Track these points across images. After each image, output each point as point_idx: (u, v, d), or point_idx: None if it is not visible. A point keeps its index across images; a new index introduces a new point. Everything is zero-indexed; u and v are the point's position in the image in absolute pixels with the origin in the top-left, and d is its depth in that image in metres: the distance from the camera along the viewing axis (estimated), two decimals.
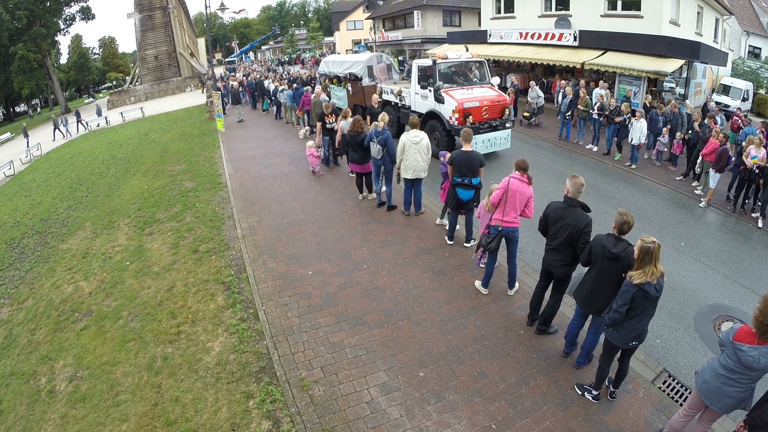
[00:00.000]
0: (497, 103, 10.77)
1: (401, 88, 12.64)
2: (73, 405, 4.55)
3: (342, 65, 16.00)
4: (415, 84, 11.65)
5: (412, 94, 11.93)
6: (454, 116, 10.28)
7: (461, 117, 10.18)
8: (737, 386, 3.15)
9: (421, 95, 11.43)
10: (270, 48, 71.56)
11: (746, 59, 24.01)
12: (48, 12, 35.16)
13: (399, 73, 16.78)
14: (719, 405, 3.27)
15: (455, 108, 10.23)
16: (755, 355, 3.00)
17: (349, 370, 4.50)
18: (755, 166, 8.08)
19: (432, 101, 10.95)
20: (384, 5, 38.39)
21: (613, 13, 16.44)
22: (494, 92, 11.14)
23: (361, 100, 14.77)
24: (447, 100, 10.47)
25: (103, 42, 70.74)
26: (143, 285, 6.46)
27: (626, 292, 3.57)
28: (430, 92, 10.91)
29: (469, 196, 6.31)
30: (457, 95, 10.51)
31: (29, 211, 11.57)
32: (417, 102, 11.73)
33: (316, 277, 6.16)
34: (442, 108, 10.65)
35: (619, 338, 3.78)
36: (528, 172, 5.21)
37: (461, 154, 6.24)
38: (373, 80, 14.76)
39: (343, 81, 15.99)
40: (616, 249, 3.77)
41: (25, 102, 54.37)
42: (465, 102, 10.29)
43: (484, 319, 5.26)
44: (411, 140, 7.16)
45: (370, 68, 14.86)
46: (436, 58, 10.96)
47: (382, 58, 15.69)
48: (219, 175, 11.00)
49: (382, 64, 15.29)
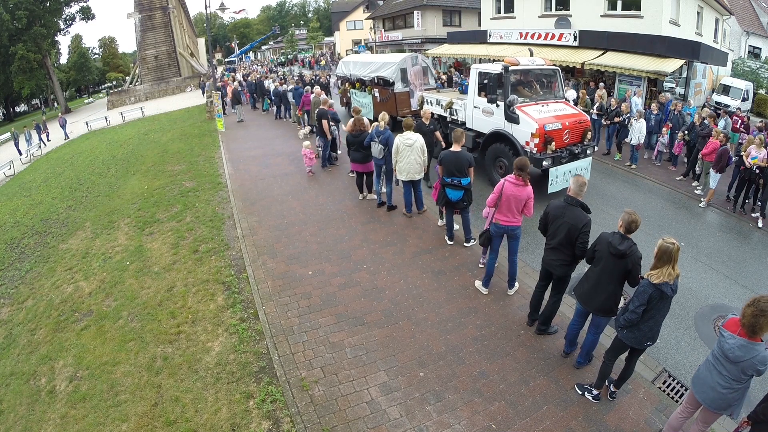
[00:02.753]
0: (579, 125, 8.67)
1: (452, 99, 10.32)
2: (73, 405, 4.55)
3: (367, 67, 14.05)
4: (474, 95, 9.42)
5: (469, 107, 9.66)
6: (533, 141, 8.07)
7: (541, 143, 8.06)
8: (720, 378, 3.19)
9: (484, 110, 9.20)
10: (270, 48, 71.55)
11: (746, 59, 24.02)
12: (48, 12, 35.12)
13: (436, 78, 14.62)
14: (703, 396, 3.32)
15: (535, 131, 8.01)
16: (732, 344, 3.09)
17: (349, 370, 4.50)
18: (755, 167, 8.08)
19: (499, 119, 8.76)
20: (384, 5, 38.39)
21: (613, 13, 16.45)
22: (572, 110, 9.05)
23: (391, 108, 12.76)
24: (523, 120, 8.25)
25: (103, 42, 70.73)
26: (143, 285, 6.46)
27: (644, 292, 3.55)
28: (498, 108, 8.74)
29: (458, 197, 6.30)
30: (534, 113, 8.32)
31: (29, 211, 11.56)
32: (476, 118, 9.47)
33: (316, 277, 6.16)
34: (514, 129, 8.47)
35: (634, 339, 3.77)
36: (526, 172, 5.10)
37: (450, 154, 6.23)
38: (407, 86, 12.85)
39: (369, 85, 14.10)
40: (623, 246, 3.79)
41: (25, 102, 54.41)
42: (546, 123, 8.14)
43: (484, 319, 5.26)
44: (404, 142, 7.08)
45: (404, 71, 12.87)
46: (508, 64, 8.70)
47: (418, 60, 13.47)
48: (219, 175, 11.00)
49: (418, 67, 13.24)
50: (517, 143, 8.40)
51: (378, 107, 13.19)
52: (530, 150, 8.16)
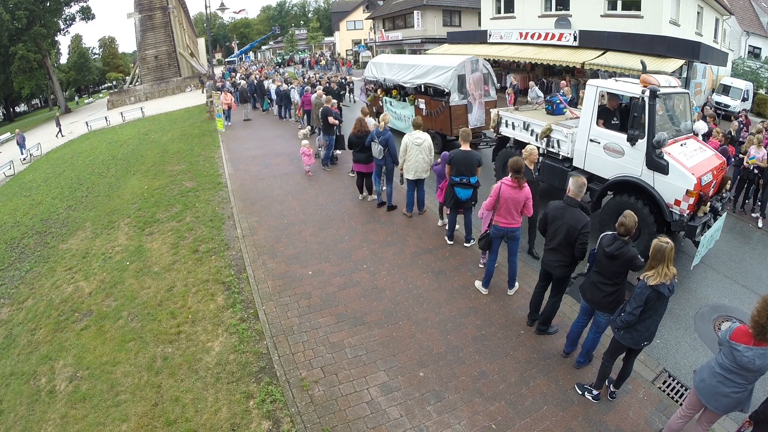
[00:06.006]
0: (721, 171, 6.52)
1: (550, 126, 7.47)
2: (73, 405, 4.55)
3: (409, 70, 11.50)
4: (591, 124, 6.75)
5: (581, 140, 6.94)
6: (687, 201, 5.81)
7: (695, 203, 5.90)
8: (734, 386, 3.15)
9: (606, 147, 6.56)
10: (270, 48, 71.56)
11: (746, 59, 24.01)
12: (48, 12, 35.13)
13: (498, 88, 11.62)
14: (716, 404, 3.27)
15: (693, 188, 5.73)
16: (750, 356, 3.00)
17: (349, 370, 4.50)
18: (753, 167, 8.08)
19: (634, 163, 6.25)
20: (384, 5, 38.40)
21: (613, 13, 16.46)
22: (710, 151, 6.75)
23: (444, 125, 10.53)
24: (675, 170, 5.87)
25: (103, 42, 70.70)
26: (143, 285, 6.46)
27: (641, 294, 3.55)
28: (633, 147, 6.18)
29: (467, 196, 6.32)
30: (683, 159, 6.04)
31: (29, 211, 11.56)
32: (592, 156, 6.81)
33: (316, 277, 6.16)
34: (658, 181, 6.03)
35: (632, 340, 3.78)
36: (521, 174, 5.04)
37: (459, 153, 6.25)
38: (464, 97, 10.40)
39: (412, 94, 11.73)
40: (610, 249, 3.85)
41: (25, 102, 54.41)
42: (702, 175, 5.89)
43: (484, 319, 5.26)
44: (413, 141, 7.15)
45: (462, 79, 10.32)
46: (653, 86, 6.06)
47: (479, 65, 10.67)
48: (219, 175, 10.99)
49: (478, 74, 10.51)
50: (661, 201, 6.01)
51: (423, 122, 11.05)
52: (683, 214, 5.89)
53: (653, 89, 6.02)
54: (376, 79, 13.43)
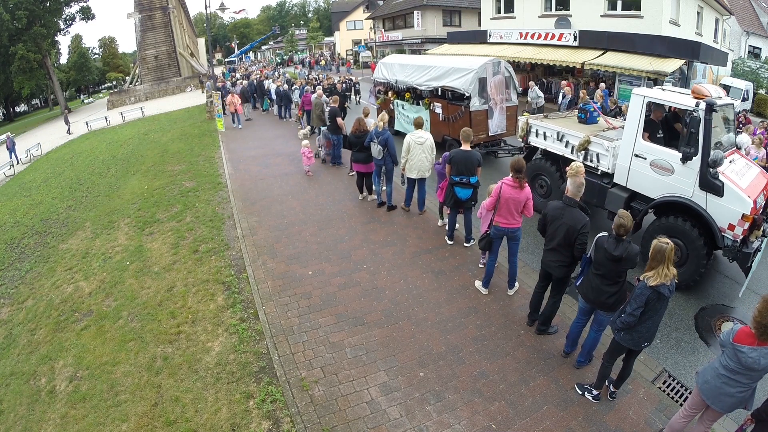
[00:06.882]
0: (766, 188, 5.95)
1: (589, 138, 6.84)
2: (73, 405, 4.55)
3: (424, 72, 10.77)
4: (637, 137, 6.17)
5: (624, 155, 6.38)
6: (742, 226, 5.34)
7: (749, 228, 5.46)
8: (739, 386, 3.15)
9: (653, 164, 6.02)
10: (270, 48, 71.58)
11: (746, 59, 24.03)
12: (48, 12, 35.14)
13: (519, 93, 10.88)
14: (720, 405, 3.27)
15: (749, 211, 5.27)
16: (755, 356, 3.01)
17: (349, 370, 4.50)
18: None
19: (685, 182, 5.74)
20: (384, 5, 38.43)
21: (613, 13, 16.48)
22: (756, 167, 6.33)
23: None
24: (730, 192, 5.38)
25: (103, 42, 70.75)
26: (143, 285, 6.46)
27: (641, 295, 3.54)
28: (685, 165, 5.67)
29: (467, 195, 6.32)
30: (737, 179, 5.61)
31: (29, 211, 11.57)
32: (637, 172, 6.26)
33: (316, 277, 6.16)
34: (711, 203, 5.53)
35: (632, 341, 3.77)
36: (522, 174, 5.05)
37: (460, 153, 6.25)
38: (485, 102, 9.73)
39: (427, 98, 11.04)
40: (617, 252, 3.81)
41: (25, 102, 54.41)
42: (756, 197, 5.49)
43: (484, 319, 5.26)
44: (415, 141, 7.17)
45: (483, 82, 9.67)
46: (709, 98, 5.52)
47: (500, 67, 10.01)
48: (219, 175, 11.00)
49: (500, 77, 9.92)
50: (714, 225, 5.51)
51: (439, 127, 9.96)
52: (736, 239, 5.42)
53: (710, 102, 5.45)
54: (386, 80, 12.56)
